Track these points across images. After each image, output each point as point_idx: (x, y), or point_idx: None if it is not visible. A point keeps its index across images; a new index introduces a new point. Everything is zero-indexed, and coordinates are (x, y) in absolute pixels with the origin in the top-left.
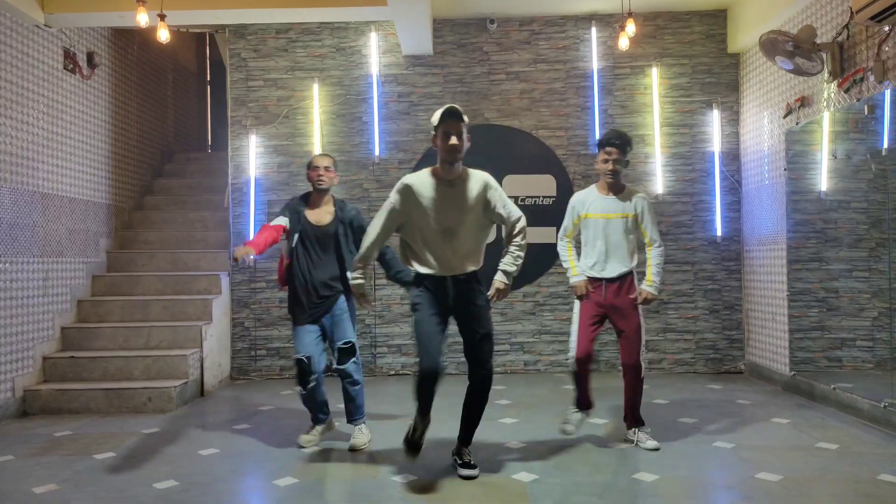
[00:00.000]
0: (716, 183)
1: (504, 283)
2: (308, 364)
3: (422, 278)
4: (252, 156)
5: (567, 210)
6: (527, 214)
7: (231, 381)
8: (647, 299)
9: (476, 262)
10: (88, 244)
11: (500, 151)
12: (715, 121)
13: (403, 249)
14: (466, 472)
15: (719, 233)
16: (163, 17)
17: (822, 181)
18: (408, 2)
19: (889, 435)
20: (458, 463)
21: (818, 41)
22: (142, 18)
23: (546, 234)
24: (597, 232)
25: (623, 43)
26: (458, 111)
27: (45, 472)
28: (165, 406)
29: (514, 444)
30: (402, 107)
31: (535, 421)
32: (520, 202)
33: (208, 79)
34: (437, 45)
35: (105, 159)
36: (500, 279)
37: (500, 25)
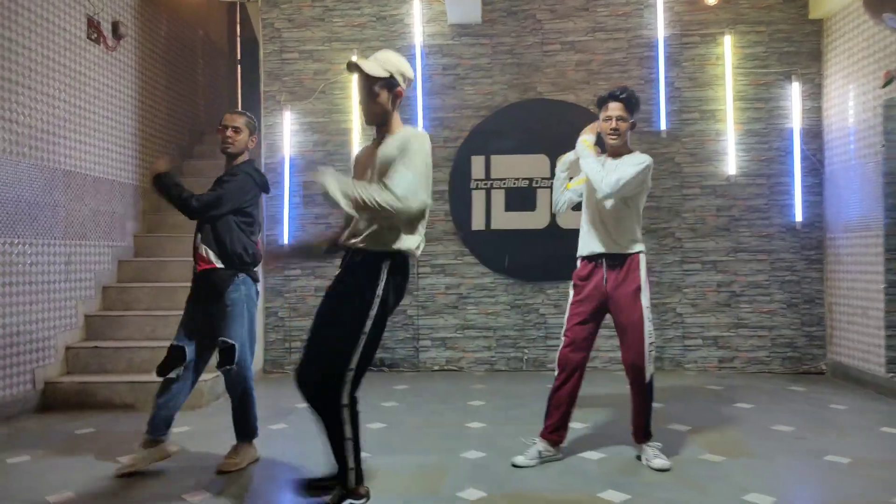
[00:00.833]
0: (795, 163)
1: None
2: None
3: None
4: (286, 134)
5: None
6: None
7: (264, 374)
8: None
9: (373, 238)
10: (114, 227)
11: (553, 129)
12: (794, 94)
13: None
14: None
15: (799, 218)
16: None
17: None
18: None
19: None
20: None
21: None
22: None
23: None
24: (589, 201)
25: None
26: (351, 62)
27: (62, 477)
28: (196, 402)
29: (591, 456)
30: (447, 80)
31: (608, 427)
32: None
33: (238, 56)
34: (486, 12)
35: (132, 137)
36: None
37: None
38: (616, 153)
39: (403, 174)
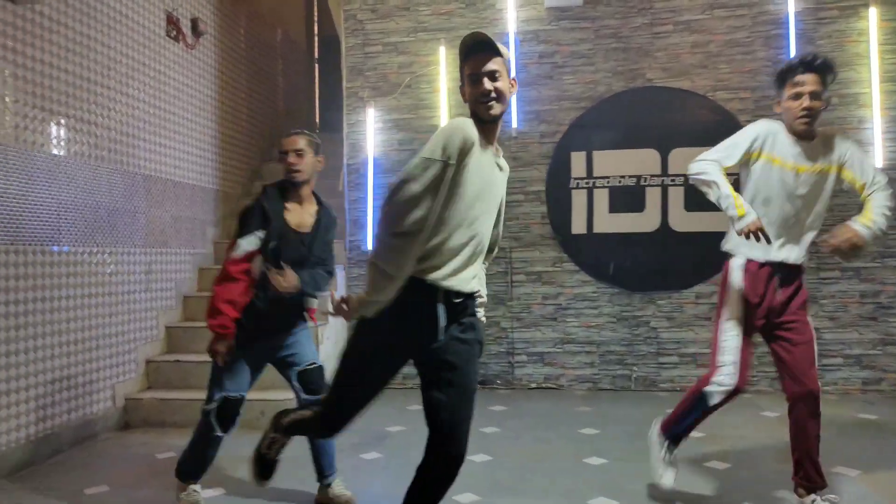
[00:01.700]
0: None
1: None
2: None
3: None
4: (370, 132)
5: (740, 136)
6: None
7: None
8: (853, 243)
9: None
10: (195, 233)
11: (666, 119)
12: None
13: None
14: None
15: None
16: None
17: None
18: None
19: None
20: None
21: None
22: None
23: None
24: (782, 189)
25: None
26: (488, 40)
27: None
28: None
29: (732, 497)
30: (543, 69)
31: (744, 467)
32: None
33: (316, 55)
34: None
35: (212, 139)
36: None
37: None
38: (807, 136)
39: None
